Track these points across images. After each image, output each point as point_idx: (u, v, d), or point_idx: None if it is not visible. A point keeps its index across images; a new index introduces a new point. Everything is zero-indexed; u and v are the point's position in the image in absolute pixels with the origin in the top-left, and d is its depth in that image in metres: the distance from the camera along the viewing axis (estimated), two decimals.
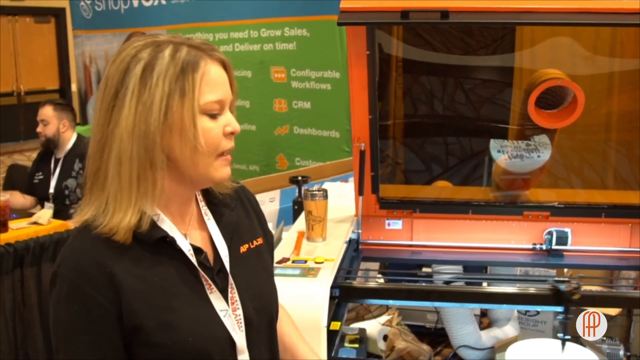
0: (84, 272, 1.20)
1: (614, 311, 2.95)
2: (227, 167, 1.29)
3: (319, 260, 2.35)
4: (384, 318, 3.40)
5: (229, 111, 1.28)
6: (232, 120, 1.28)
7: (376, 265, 3.24)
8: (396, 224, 2.80)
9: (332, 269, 2.28)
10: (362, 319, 3.47)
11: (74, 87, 11.25)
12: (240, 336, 1.32)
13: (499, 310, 3.38)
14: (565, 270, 3.05)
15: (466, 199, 2.83)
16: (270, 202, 4.24)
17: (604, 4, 2.17)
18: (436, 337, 3.55)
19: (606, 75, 2.71)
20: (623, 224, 2.70)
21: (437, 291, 2.35)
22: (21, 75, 12.04)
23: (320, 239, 2.62)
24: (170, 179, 1.27)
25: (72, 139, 4.39)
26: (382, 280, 2.86)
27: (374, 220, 2.80)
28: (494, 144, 2.77)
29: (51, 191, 4.30)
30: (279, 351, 1.55)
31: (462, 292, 2.38)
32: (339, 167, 5.06)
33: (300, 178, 3.69)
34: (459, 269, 2.96)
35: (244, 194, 1.51)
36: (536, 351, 2.41)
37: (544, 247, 2.72)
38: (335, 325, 2.17)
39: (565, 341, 2.19)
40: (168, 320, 1.23)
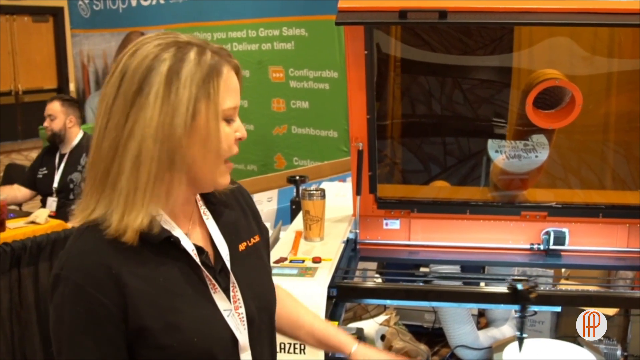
0: (89, 274, 1.19)
1: (611, 311, 2.96)
2: (228, 174, 1.30)
3: (316, 260, 2.35)
4: (382, 318, 3.40)
5: (238, 117, 1.29)
6: (241, 126, 1.28)
7: (374, 265, 3.24)
8: (394, 224, 2.80)
9: (329, 269, 2.27)
10: (360, 318, 3.47)
11: (72, 87, 11.24)
12: (243, 335, 1.33)
13: (497, 310, 3.39)
14: (563, 270, 3.06)
15: (464, 199, 2.83)
16: (268, 202, 4.24)
17: (602, 4, 2.17)
18: (434, 337, 3.55)
19: (604, 76, 2.71)
20: (620, 224, 2.70)
21: (435, 291, 2.35)
22: (19, 75, 12.02)
23: (318, 239, 2.62)
24: (179, 182, 1.27)
25: (78, 135, 4.41)
26: (379, 280, 2.85)
27: (371, 220, 2.80)
28: (491, 144, 2.78)
29: (55, 185, 4.31)
30: (292, 328, 1.63)
31: (459, 292, 2.38)
32: (336, 167, 5.06)
33: (298, 178, 3.70)
34: (456, 268, 2.96)
35: (239, 192, 1.51)
36: (533, 351, 2.41)
37: (541, 247, 2.72)
38: (333, 325, 2.16)
39: (522, 340, 2.20)
40: (173, 322, 1.23)
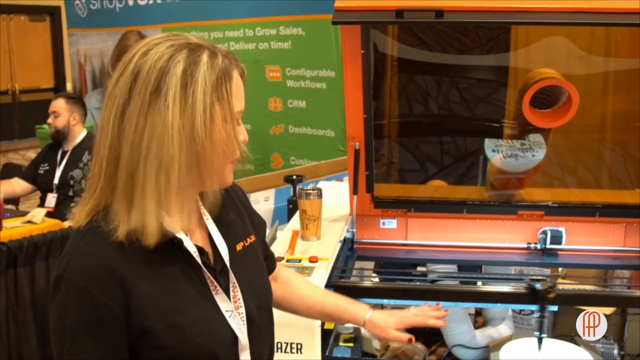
0: (93, 276, 1.18)
1: (608, 310, 2.96)
2: (232, 173, 1.32)
3: (313, 260, 2.35)
4: None
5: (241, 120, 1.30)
6: (244, 130, 1.30)
7: (371, 265, 3.24)
8: (391, 223, 2.80)
9: (326, 268, 2.27)
10: None
11: (69, 86, 11.22)
12: (243, 334, 1.33)
13: (494, 309, 3.38)
14: (560, 269, 3.06)
15: (461, 198, 2.84)
16: (265, 201, 4.24)
17: (599, 4, 2.17)
18: (431, 336, 3.54)
19: (601, 75, 2.72)
20: (617, 223, 2.70)
21: (432, 290, 2.35)
22: (16, 74, 11.99)
23: (315, 238, 2.62)
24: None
25: (81, 133, 4.41)
26: (376, 279, 2.85)
27: (368, 220, 2.80)
28: (488, 143, 2.78)
29: (55, 182, 4.31)
30: (305, 309, 1.67)
31: (456, 291, 2.37)
32: (333, 166, 5.06)
33: (295, 177, 3.70)
34: (453, 268, 2.96)
35: (233, 191, 1.51)
36: (530, 350, 2.41)
37: (538, 246, 2.72)
38: (330, 325, 2.16)
39: (542, 339, 2.19)
40: (176, 323, 1.23)
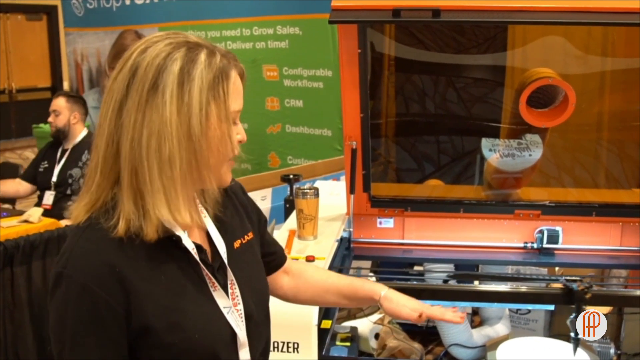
0: (93, 274, 1.18)
1: (604, 309, 2.96)
2: (230, 172, 1.32)
3: (310, 259, 2.35)
4: (376, 316, 3.40)
5: (239, 120, 1.31)
6: (242, 129, 1.31)
7: (368, 264, 3.25)
8: (388, 223, 2.80)
9: (323, 268, 2.27)
10: (354, 317, 3.47)
11: (65, 85, 11.20)
12: (242, 331, 1.34)
13: (490, 308, 3.39)
14: (557, 268, 3.06)
15: (458, 197, 2.84)
16: (262, 201, 4.24)
17: (596, 4, 2.17)
18: (428, 335, 3.55)
19: (597, 75, 2.72)
20: (614, 222, 2.71)
21: (429, 290, 2.35)
22: (12, 73, 11.97)
23: (312, 238, 2.62)
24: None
25: (82, 132, 4.40)
26: (373, 278, 2.85)
27: (365, 219, 2.80)
28: (485, 142, 2.78)
29: (54, 179, 4.31)
30: (320, 295, 1.67)
31: (453, 290, 2.38)
32: (330, 166, 5.06)
33: (291, 176, 3.69)
34: (450, 267, 2.97)
35: (231, 188, 1.51)
36: (527, 349, 2.41)
37: (535, 245, 2.73)
38: (327, 324, 2.16)
39: (578, 341, 2.17)
40: (176, 320, 1.23)
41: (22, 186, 4.48)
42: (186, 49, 1.22)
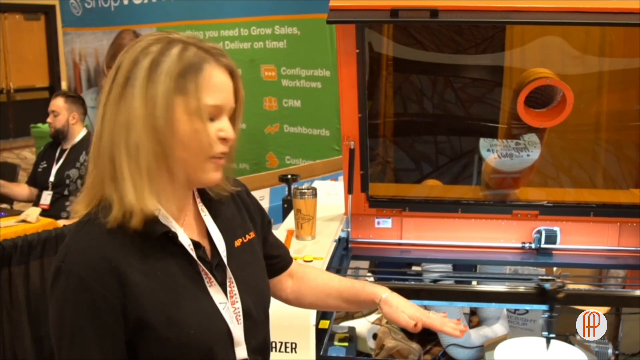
0: (91, 267, 1.20)
1: (602, 310, 2.96)
2: (217, 171, 1.29)
3: (308, 259, 2.35)
4: (374, 316, 3.40)
5: (226, 117, 1.28)
6: (227, 127, 1.28)
7: (366, 264, 3.25)
8: (386, 223, 2.80)
9: (321, 268, 2.27)
10: (352, 317, 3.47)
11: (64, 85, 11.19)
12: (238, 329, 1.35)
13: (488, 308, 3.39)
14: (555, 268, 3.06)
15: (456, 197, 2.84)
16: (260, 201, 4.20)
17: (593, 4, 2.17)
18: (425, 335, 3.55)
19: (595, 75, 2.72)
20: (612, 222, 2.71)
21: (427, 290, 2.35)
22: (10, 73, 11.96)
23: (310, 238, 2.61)
24: (177, 175, 1.29)
25: (81, 132, 4.38)
26: (371, 278, 2.85)
27: (363, 219, 2.80)
28: (483, 142, 2.78)
29: (51, 179, 4.29)
30: (321, 299, 1.66)
31: (451, 290, 2.38)
32: (328, 166, 5.06)
33: (289, 176, 3.69)
34: (448, 267, 2.97)
35: (235, 186, 1.51)
36: (525, 350, 2.41)
37: (533, 245, 2.73)
38: (325, 324, 2.16)
39: (550, 339, 2.19)
40: (172, 315, 1.25)
41: (30, 190, 4.47)
42: (164, 44, 1.24)
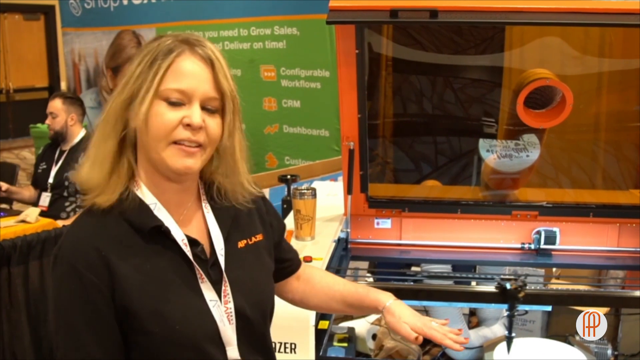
0: (80, 255, 1.26)
1: (602, 310, 2.96)
2: (183, 157, 1.29)
3: (307, 259, 2.34)
4: (373, 317, 3.39)
5: (197, 104, 1.29)
6: (195, 114, 1.28)
7: (365, 264, 3.24)
8: (385, 223, 2.80)
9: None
10: (351, 318, 3.47)
11: (63, 85, 11.18)
12: (228, 329, 1.35)
13: (488, 309, 3.39)
14: (554, 269, 3.06)
15: (455, 198, 2.84)
16: None
17: (593, 4, 2.18)
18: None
19: (595, 75, 2.72)
20: (611, 223, 2.71)
21: (426, 290, 2.35)
22: (10, 73, 11.95)
23: (309, 238, 2.61)
24: (144, 159, 1.34)
25: (80, 133, 4.37)
26: (371, 279, 2.85)
27: (363, 219, 2.80)
28: (483, 143, 2.78)
29: (50, 181, 4.28)
30: (325, 302, 1.67)
31: (450, 291, 2.37)
32: (328, 166, 5.05)
33: (289, 177, 3.69)
34: (447, 268, 2.96)
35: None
36: (524, 350, 2.41)
37: (532, 246, 2.73)
38: (324, 324, 2.16)
39: (511, 339, 2.19)
40: (159, 309, 1.27)
41: (35, 192, 4.47)
42: (159, 40, 1.31)
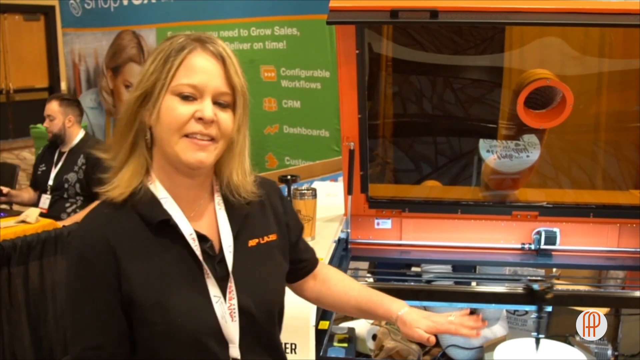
0: (90, 245, 1.31)
1: (602, 311, 2.96)
2: (196, 151, 1.32)
3: None
4: None
5: (209, 99, 1.32)
6: (207, 108, 1.32)
7: (365, 265, 3.24)
8: (385, 224, 2.80)
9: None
10: (351, 318, 3.46)
11: (63, 86, 11.18)
12: (230, 325, 1.35)
13: (488, 309, 3.39)
14: (554, 270, 3.06)
15: (455, 198, 2.84)
16: None
17: (593, 4, 2.18)
18: None
19: (595, 76, 2.72)
20: (611, 224, 2.71)
21: (426, 290, 2.35)
22: (10, 73, 11.94)
23: (309, 238, 2.61)
24: (159, 154, 1.37)
25: (78, 134, 4.34)
26: (371, 279, 2.85)
27: (363, 220, 2.80)
28: (483, 143, 2.78)
29: (50, 183, 4.27)
30: (340, 304, 1.69)
31: (450, 291, 2.37)
32: (328, 167, 5.05)
33: (289, 177, 3.68)
34: (448, 268, 2.96)
35: (266, 188, 1.53)
36: (524, 351, 2.41)
37: (532, 246, 2.73)
38: (324, 325, 2.16)
39: (539, 340, 2.19)
40: (161, 301, 1.30)
41: (35, 194, 4.47)
42: (170, 38, 1.35)
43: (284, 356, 1.54)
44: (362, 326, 3.29)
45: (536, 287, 2.11)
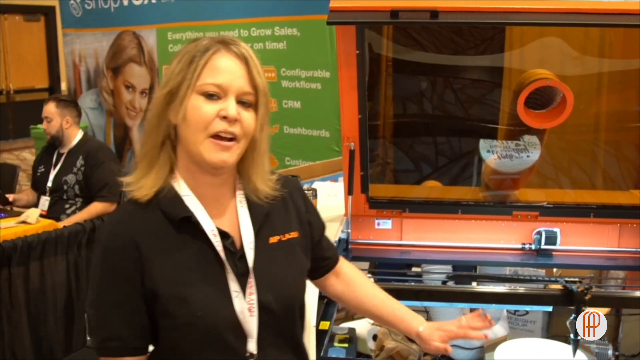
0: (114, 240, 1.37)
1: (602, 311, 2.96)
2: (220, 151, 1.36)
3: None
4: None
5: (233, 98, 1.36)
6: (231, 107, 1.35)
7: (365, 265, 3.24)
8: (386, 224, 2.80)
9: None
10: (352, 318, 3.47)
11: (63, 86, 11.17)
12: (249, 320, 1.38)
13: (488, 310, 3.38)
14: (555, 270, 3.06)
15: (456, 198, 2.84)
16: None
17: (593, 5, 2.18)
18: None
19: (595, 76, 2.72)
20: (611, 224, 2.71)
21: (426, 291, 2.35)
22: (10, 74, 11.94)
23: None
24: (183, 153, 1.41)
25: (77, 135, 4.33)
26: (371, 279, 2.85)
27: (363, 220, 2.79)
28: (483, 143, 2.78)
29: (49, 184, 4.26)
30: (363, 310, 1.74)
31: (450, 291, 2.37)
32: (328, 167, 5.05)
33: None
34: (448, 268, 2.96)
35: (289, 186, 1.56)
36: (525, 351, 2.41)
37: (533, 247, 2.73)
38: (325, 325, 2.16)
39: (578, 342, 2.17)
40: (182, 294, 1.35)
41: (34, 195, 4.46)
42: (195, 40, 1.40)
43: (306, 354, 1.56)
44: (362, 326, 3.29)
45: (575, 288, 2.10)
